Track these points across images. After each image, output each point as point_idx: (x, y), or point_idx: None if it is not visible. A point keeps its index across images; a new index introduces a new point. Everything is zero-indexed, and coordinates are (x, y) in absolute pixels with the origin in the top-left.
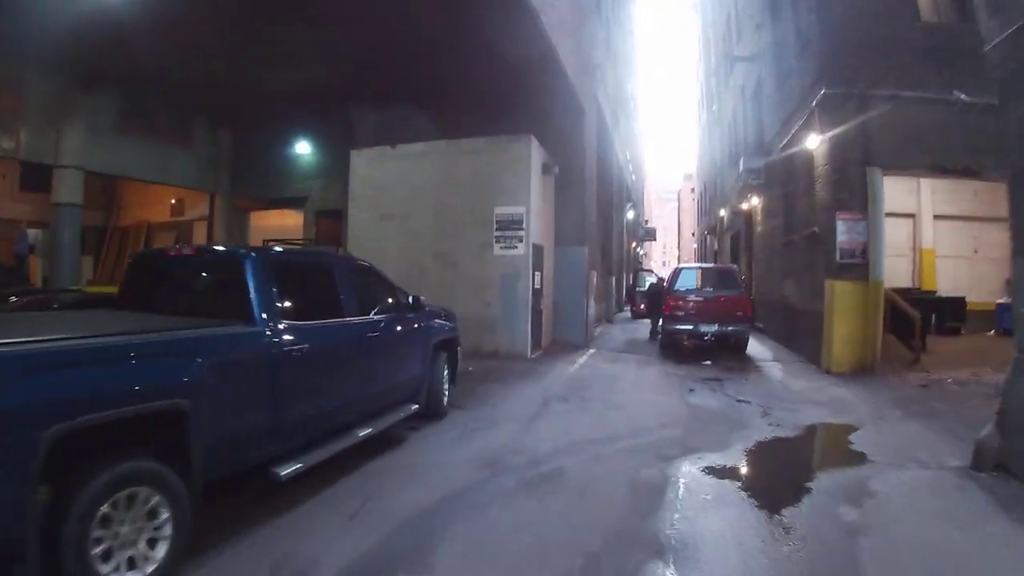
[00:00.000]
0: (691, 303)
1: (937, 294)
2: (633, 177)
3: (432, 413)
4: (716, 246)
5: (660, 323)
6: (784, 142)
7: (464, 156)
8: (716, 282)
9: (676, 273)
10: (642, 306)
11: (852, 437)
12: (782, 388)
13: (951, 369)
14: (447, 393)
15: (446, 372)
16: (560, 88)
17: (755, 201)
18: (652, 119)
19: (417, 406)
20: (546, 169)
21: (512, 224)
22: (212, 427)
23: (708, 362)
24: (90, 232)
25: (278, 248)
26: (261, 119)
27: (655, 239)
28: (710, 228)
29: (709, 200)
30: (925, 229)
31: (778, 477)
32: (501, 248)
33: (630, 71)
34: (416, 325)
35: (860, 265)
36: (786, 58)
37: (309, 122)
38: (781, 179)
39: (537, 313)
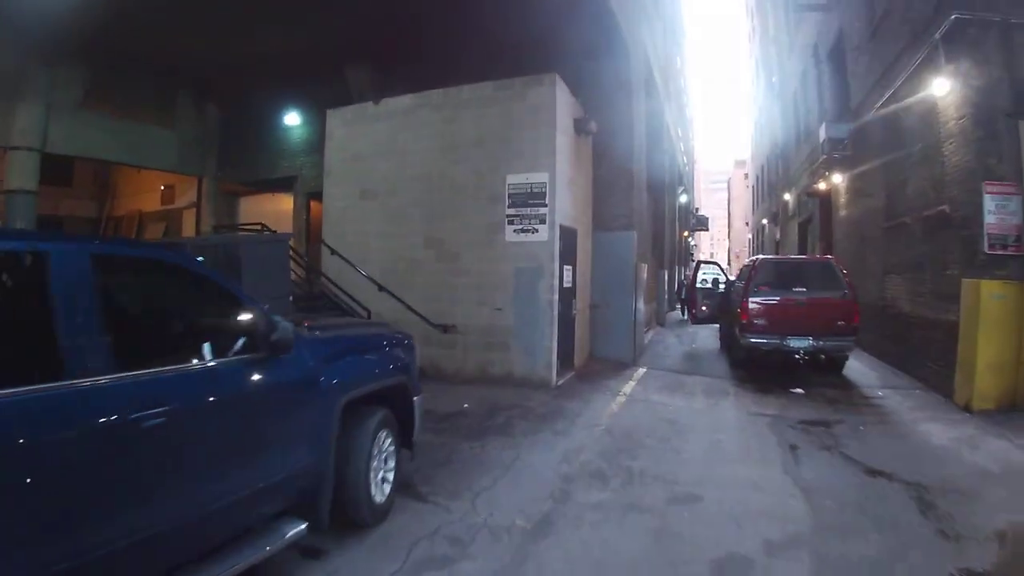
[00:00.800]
0: (778, 308)
1: None
2: (685, 159)
3: (352, 519)
4: (778, 235)
5: (734, 331)
6: (883, 99)
7: (466, 109)
8: (810, 280)
9: (757, 268)
10: (704, 308)
11: None
12: (921, 442)
13: None
14: (390, 477)
15: (388, 441)
16: (598, 18)
17: (837, 179)
18: (699, 102)
19: (305, 526)
20: (579, 126)
21: (531, 198)
22: None
23: (799, 389)
24: (82, 223)
25: None
26: (249, 89)
27: (707, 228)
28: (770, 215)
29: (768, 185)
30: None
31: None
32: (516, 232)
33: (678, 43)
34: (295, 375)
35: (1015, 258)
36: None
37: (300, 89)
38: (880, 147)
39: (567, 321)
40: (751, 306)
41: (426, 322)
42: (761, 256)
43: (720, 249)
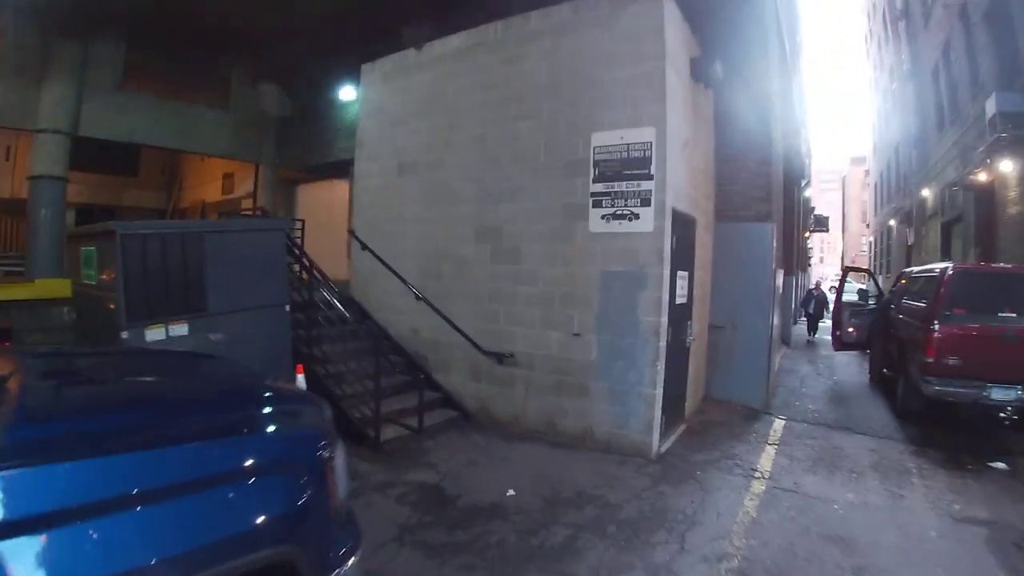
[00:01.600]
0: (980, 343)
1: None
2: (806, 148)
3: None
4: (911, 238)
5: (908, 369)
6: None
7: (534, 44)
8: (1019, 301)
9: (949, 281)
10: (851, 330)
11: None
12: None
13: None
14: None
15: None
16: None
17: (1006, 167)
18: (810, 96)
19: None
20: (698, 68)
21: (628, 167)
22: None
23: (1001, 463)
24: (147, 214)
25: None
26: (305, 64)
27: (827, 229)
28: (901, 215)
29: (896, 181)
30: None
31: None
32: (606, 219)
33: (796, 23)
34: None
35: None
36: None
37: (356, 60)
38: None
39: (679, 353)
40: (941, 337)
41: (475, 347)
42: (955, 264)
43: (830, 253)
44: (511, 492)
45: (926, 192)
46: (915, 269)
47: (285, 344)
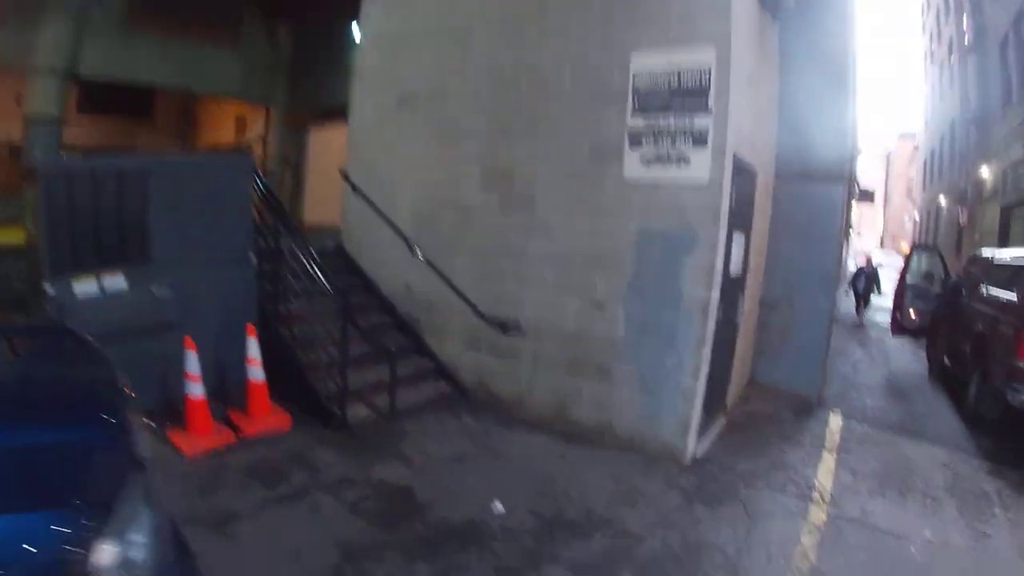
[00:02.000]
0: None
1: None
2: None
3: None
4: (964, 219)
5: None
6: None
7: None
8: None
9: None
10: (913, 315)
11: None
12: None
13: None
14: None
15: None
16: None
17: None
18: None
19: None
20: None
21: (677, 96)
22: None
23: None
24: None
25: None
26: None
27: (872, 200)
28: (955, 194)
29: (950, 158)
30: None
31: None
32: (646, 162)
33: None
34: None
35: None
36: None
37: None
38: None
39: (727, 333)
40: None
41: (475, 312)
42: None
43: (868, 229)
44: (499, 506)
45: (985, 171)
46: (996, 253)
47: (248, 299)
